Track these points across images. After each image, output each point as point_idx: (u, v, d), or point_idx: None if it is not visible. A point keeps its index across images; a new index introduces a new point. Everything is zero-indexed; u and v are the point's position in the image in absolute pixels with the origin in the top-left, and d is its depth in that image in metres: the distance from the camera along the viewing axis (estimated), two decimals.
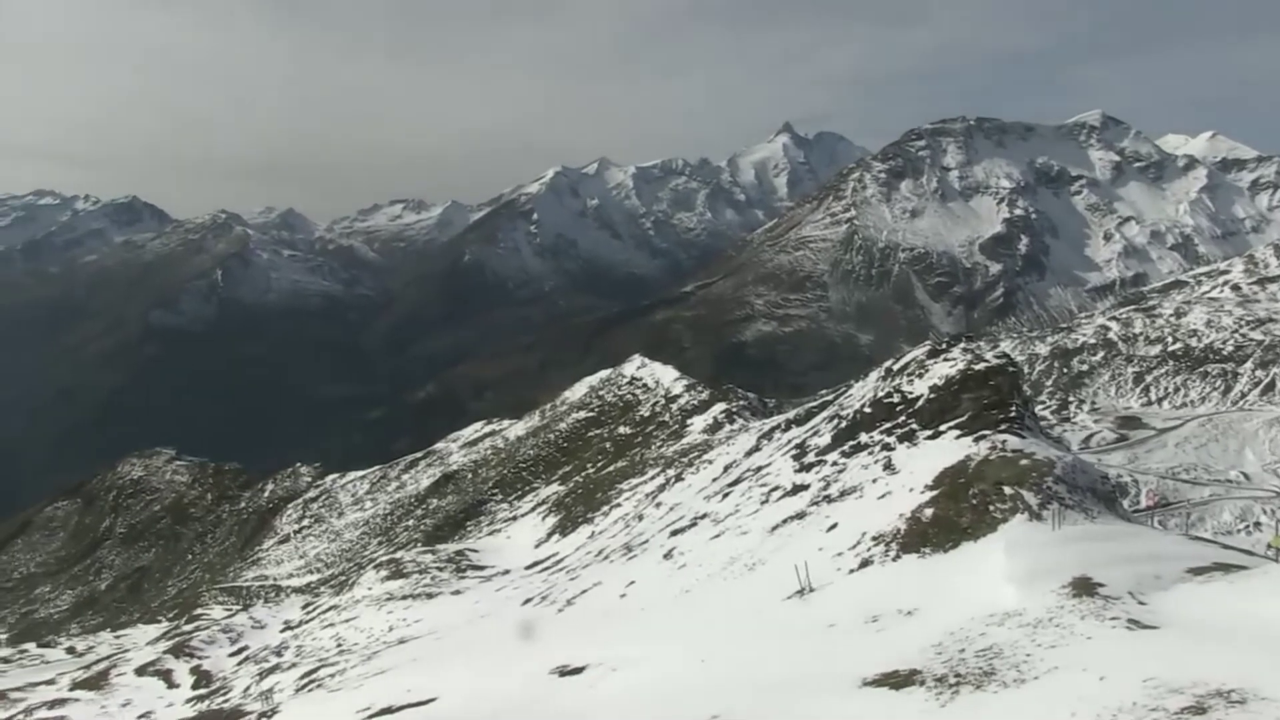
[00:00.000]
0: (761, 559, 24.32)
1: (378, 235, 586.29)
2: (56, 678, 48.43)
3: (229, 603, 62.53)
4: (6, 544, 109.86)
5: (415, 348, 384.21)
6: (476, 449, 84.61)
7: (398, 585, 45.57)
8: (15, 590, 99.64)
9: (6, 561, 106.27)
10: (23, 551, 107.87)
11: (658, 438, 63.34)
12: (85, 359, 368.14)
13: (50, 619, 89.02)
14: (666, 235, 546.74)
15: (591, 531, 46.47)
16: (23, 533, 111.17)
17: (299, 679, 33.26)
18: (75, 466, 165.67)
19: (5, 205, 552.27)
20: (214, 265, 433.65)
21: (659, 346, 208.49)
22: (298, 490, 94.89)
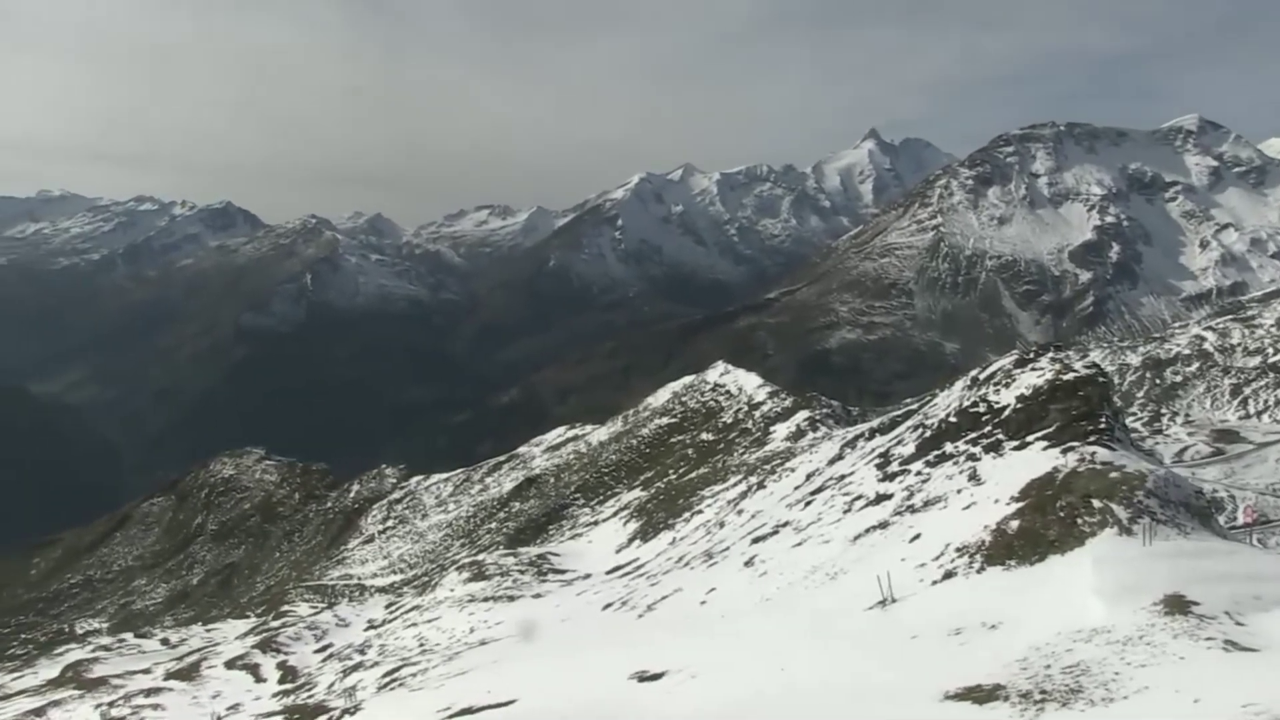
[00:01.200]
0: (843, 568, 24.08)
1: (464, 240, 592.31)
2: (152, 667, 49.66)
3: (314, 600, 63.51)
4: (106, 538, 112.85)
5: (499, 352, 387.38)
6: (559, 453, 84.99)
7: (479, 587, 45.92)
8: (115, 582, 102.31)
9: (107, 554, 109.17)
10: (121, 545, 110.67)
11: (740, 444, 63.09)
12: (180, 360, 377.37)
13: (146, 611, 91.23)
14: (751, 242, 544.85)
15: (673, 537, 46.39)
16: (121, 527, 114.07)
17: (381, 677, 33.67)
18: (170, 464, 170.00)
19: (108, 211, 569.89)
20: (304, 269, 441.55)
21: (742, 353, 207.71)
22: (383, 491, 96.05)
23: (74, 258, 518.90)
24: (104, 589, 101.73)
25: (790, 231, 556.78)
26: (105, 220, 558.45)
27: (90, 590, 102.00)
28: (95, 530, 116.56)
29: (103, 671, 50.42)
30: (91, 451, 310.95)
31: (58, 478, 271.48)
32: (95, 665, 52.68)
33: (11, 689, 52.21)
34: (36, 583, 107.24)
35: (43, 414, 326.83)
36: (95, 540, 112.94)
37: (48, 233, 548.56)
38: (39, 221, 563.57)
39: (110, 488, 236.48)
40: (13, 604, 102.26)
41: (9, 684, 54.33)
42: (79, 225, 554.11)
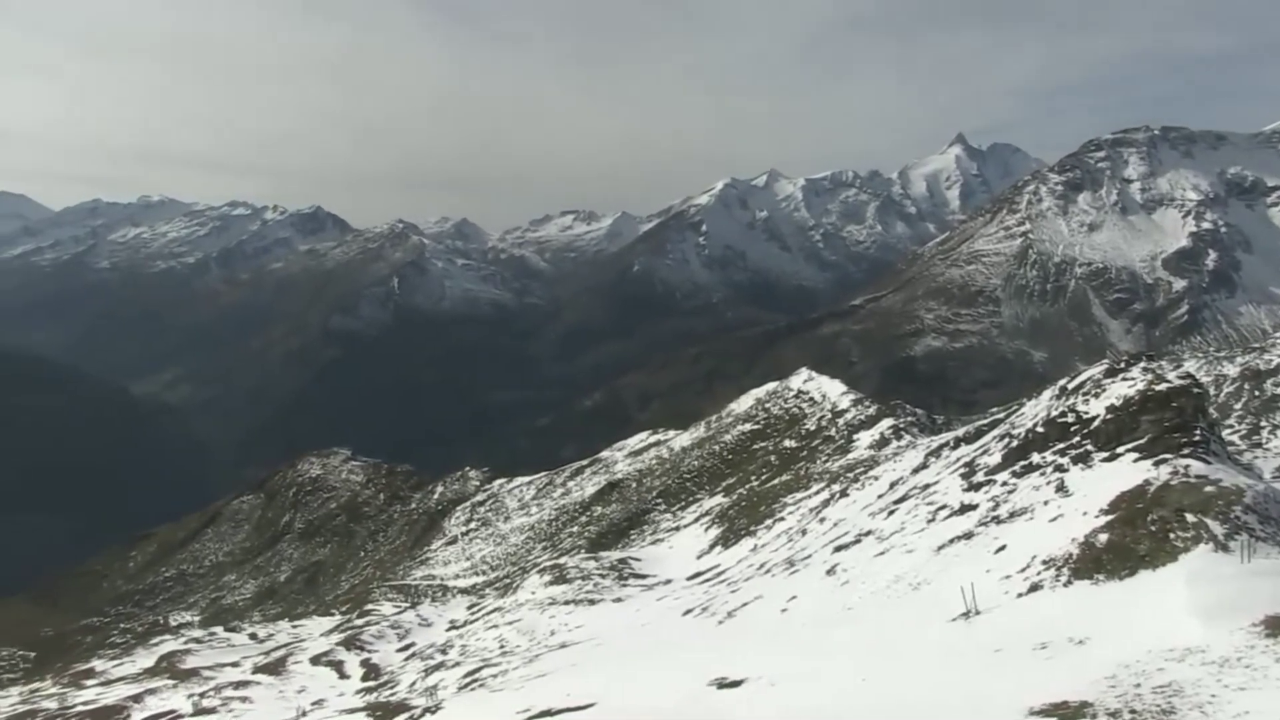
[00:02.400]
0: (926, 579, 23.78)
1: (548, 245, 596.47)
2: (241, 660, 50.71)
3: (398, 600, 64.32)
4: (199, 533, 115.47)
5: (583, 356, 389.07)
6: (641, 458, 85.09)
7: (560, 590, 46.15)
8: (206, 577, 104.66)
9: (199, 550, 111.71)
10: (213, 541, 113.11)
11: (823, 452, 62.60)
12: (271, 361, 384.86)
13: (235, 605, 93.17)
14: (835, 248, 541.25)
15: (754, 544, 46.19)
16: (213, 524, 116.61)
17: (462, 677, 33.98)
18: (260, 463, 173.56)
19: (203, 216, 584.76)
20: (391, 273, 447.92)
21: (826, 360, 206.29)
22: (466, 493, 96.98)
23: (171, 261, 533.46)
24: (196, 583, 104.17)
25: (875, 238, 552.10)
26: (201, 225, 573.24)
27: (183, 584, 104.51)
28: (188, 526, 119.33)
29: (194, 663, 51.65)
30: (186, 449, 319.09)
31: (154, 474, 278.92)
32: (188, 656, 53.94)
33: (112, 675, 53.77)
34: (134, 575, 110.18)
35: (141, 413, 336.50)
36: (188, 536, 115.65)
37: (147, 237, 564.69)
38: (139, 226, 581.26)
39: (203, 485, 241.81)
40: (112, 595, 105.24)
41: (110, 671, 55.94)
42: (176, 230, 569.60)
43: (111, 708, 41.75)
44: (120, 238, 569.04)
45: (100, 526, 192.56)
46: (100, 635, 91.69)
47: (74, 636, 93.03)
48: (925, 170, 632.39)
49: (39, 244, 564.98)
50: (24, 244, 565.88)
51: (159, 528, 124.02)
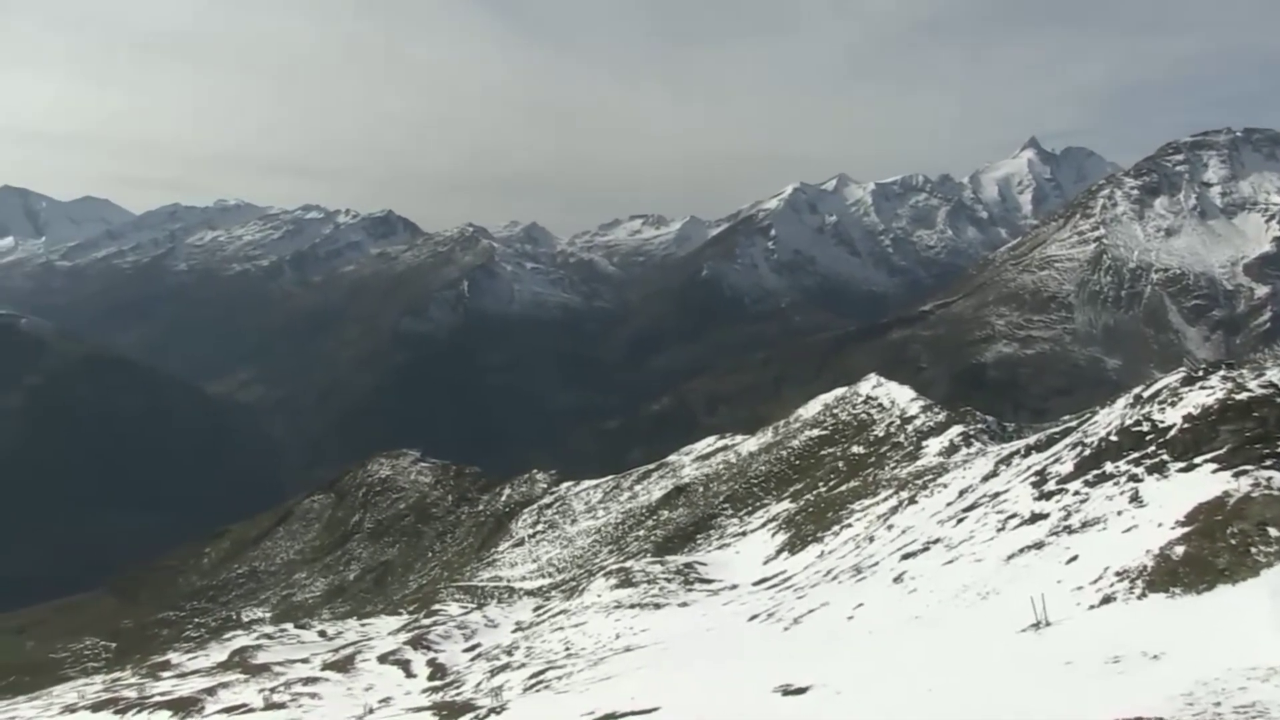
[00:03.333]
0: (995, 588, 23.43)
1: (617, 249, 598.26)
2: (310, 657, 51.42)
3: (465, 601, 64.78)
4: (271, 531, 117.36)
5: (651, 360, 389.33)
6: (708, 463, 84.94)
7: (626, 594, 46.18)
8: (277, 574, 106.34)
9: (271, 548, 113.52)
10: (284, 539, 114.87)
11: (891, 459, 62.03)
12: (342, 363, 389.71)
13: (305, 603, 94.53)
14: (905, 253, 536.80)
15: (821, 551, 45.89)
16: (284, 522, 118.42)
17: (527, 678, 34.11)
18: (331, 463, 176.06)
19: (277, 220, 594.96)
20: (461, 276, 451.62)
21: (895, 366, 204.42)
22: (533, 496, 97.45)
23: (246, 264, 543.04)
24: (268, 580, 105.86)
25: (946, 243, 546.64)
26: (275, 228, 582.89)
27: (255, 581, 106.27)
28: (261, 524, 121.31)
29: (265, 658, 52.48)
30: (259, 449, 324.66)
31: (228, 473, 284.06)
32: (259, 652, 54.83)
33: (187, 668, 54.90)
34: (208, 571, 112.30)
35: (216, 412, 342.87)
36: (260, 534, 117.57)
37: (223, 240, 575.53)
38: (216, 230, 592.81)
39: (275, 483, 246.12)
40: (188, 590, 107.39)
41: (185, 664, 57.13)
42: (251, 233, 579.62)
43: (187, 699, 42.58)
44: (197, 241, 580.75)
45: (177, 523, 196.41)
46: (176, 629, 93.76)
47: (152, 629, 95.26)
48: (997, 174, 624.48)
49: (120, 247, 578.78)
50: (107, 247, 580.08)
51: (233, 525, 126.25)
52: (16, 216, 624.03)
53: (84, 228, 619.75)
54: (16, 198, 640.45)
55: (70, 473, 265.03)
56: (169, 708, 41.41)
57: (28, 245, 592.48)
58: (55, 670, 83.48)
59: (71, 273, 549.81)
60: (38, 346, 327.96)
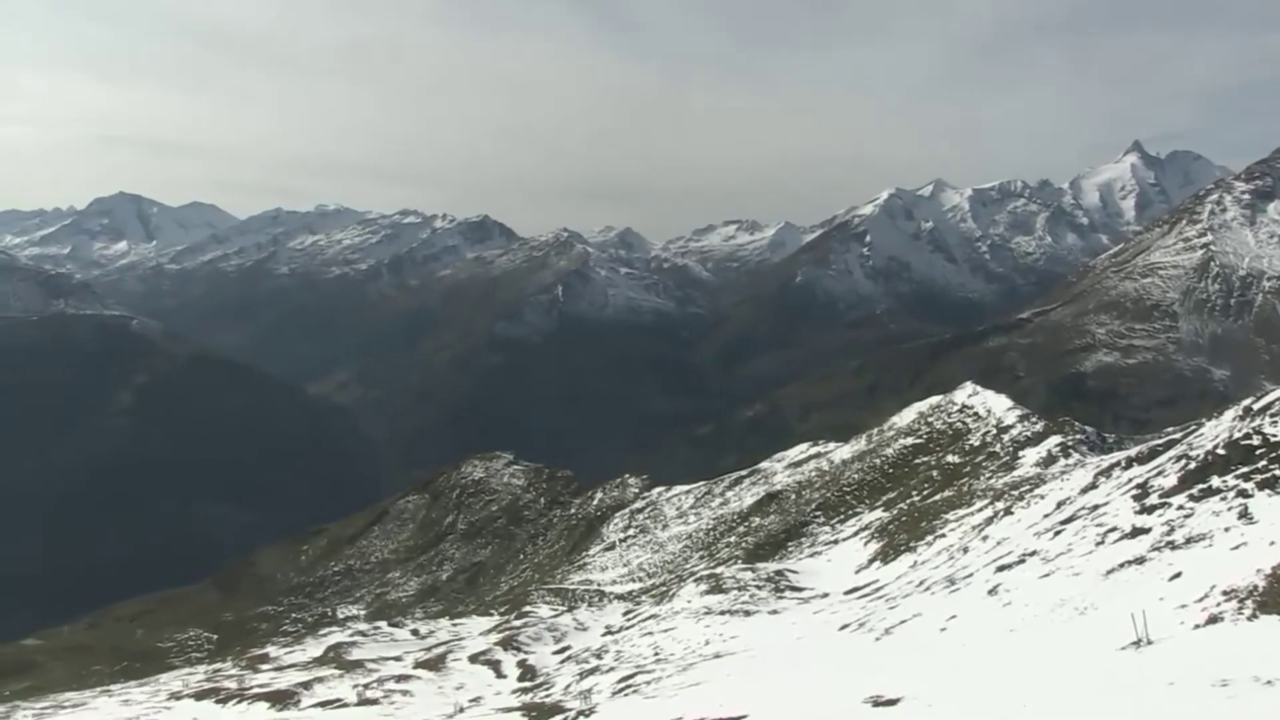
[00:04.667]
0: (1094, 604, 22.88)
1: (711, 255, 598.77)
2: (403, 655, 52.14)
3: (555, 603, 65.14)
4: (366, 530, 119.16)
5: (744, 366, 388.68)
6: (801, 470, 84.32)
7: (716, 600, 46.02)
8: (372, 573, 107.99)
9: (366, 546, 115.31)
10: (379, 538, 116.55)
11: (987, 469, 60.96)
12: (438, 365, 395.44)
13: (399, 602, 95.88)
14: (1003, 259, 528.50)
15: (913, 561, 45.26)
16: (379, 521, 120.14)
17: (616, 682, 34.18)
18: (426, 463, 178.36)
19: (376, 224, 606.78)
20: (555, 281, 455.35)
21: (992, 374, 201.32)
22: (625, 500, 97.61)
23: (345, 268, 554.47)
24: (362, 578, 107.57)
25: (1045, 249, 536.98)
26: (373, 233, 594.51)
27: (350, 579, 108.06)
28: (356, 523, 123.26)
29: (359, 655, 53.39)
30: (356, 449, 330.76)
31: (326, 472, 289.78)
32: (353, 648, 55.79)
33: (284, 662, 56.12)
34: (305, 568, 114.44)
35: (315, 412, 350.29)
36: (356, 532, 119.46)
37: (323, 244, 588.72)
38: (316, 234, 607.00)
39: (371, 483, 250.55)
40: (285, 587, 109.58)
41: (283, 657, 58.41)
42: (350, 237, 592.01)
43: (284, 692, 43.47)
44: (298, 245, 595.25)
45: (276, 519, 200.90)
46: (274, 623, 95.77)
47: (251, 623, 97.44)
48: (1099, 179, 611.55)
49: (225, 251, 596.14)
50: (212, 251, 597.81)
51: (330, 523, 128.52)
52: (130, 221, 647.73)
53: (191, 232, 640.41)
54: (130, 203, 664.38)
55: (175, 469, 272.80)
56: (267, 700, 42.32)
57: (139, 249, 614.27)
58: (162, 659, 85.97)
59: (179, 276, 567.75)
60: (147, 346, 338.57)
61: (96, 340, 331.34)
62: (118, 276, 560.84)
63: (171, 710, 43.10)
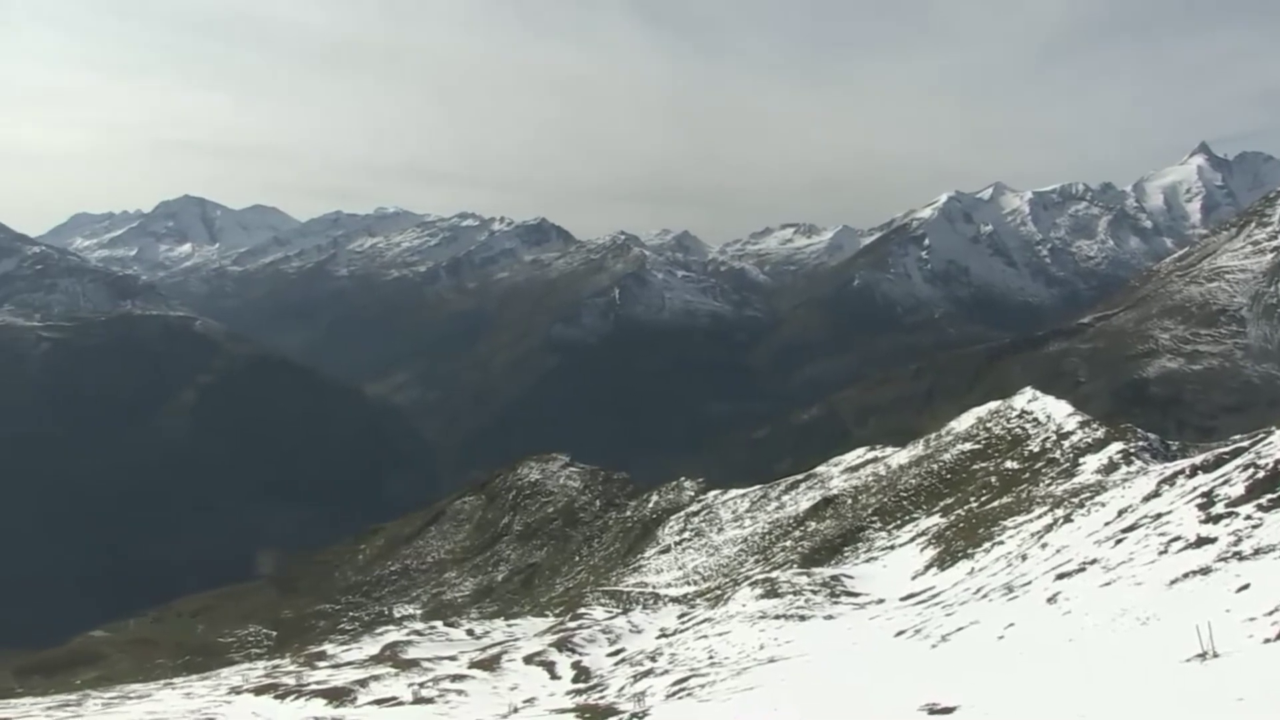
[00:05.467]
0: (1156, 614, 22.48)
1: (768, 258, 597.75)
2: (458, 655, 52.48)
3: (610, 605, 65.19)
4: (423, 530, 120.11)
5: (801, 370, 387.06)
6: (858, 475, 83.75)
7: (771, 604, 45.84)
8: (428, 573, 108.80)
9: (422, 546, 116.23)
10: (435, 538, 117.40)
11: (1046, 475, 60.16)
12: (495, 367, 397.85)
13: (454, 602, 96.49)
14: (1064, 263, 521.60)
15: (971, 568, 44.77)
16: (436, 522, 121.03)
17: (670, 685, 34.15)
18: (482, 465, 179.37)
19: (434, 227, 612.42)
20: (612, 284, 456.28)
21: (1052, 380, 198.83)
22: (680, 503, 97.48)
23: (403, 270, 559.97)
24: (419, 578, 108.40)
25: (1107, 253, 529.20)
26: (431, 235, 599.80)
27: (407, 578, 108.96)
28: (413, 523, 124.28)
29: (415, 654, 53.82)
30: (413, 449, 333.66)
31: (384, 471, 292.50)
32: (409, 647, 56.26)
33: (341, 660, 56.73)
34: (362, 567, 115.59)
35: (373, 413, 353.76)
36: (413, 532, 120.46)
37: (382, 247, 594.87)
38: (375, 236, 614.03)
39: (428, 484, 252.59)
40: (343, 585, 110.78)
41: (340, 655, 59.05)
42: (409, 240, 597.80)
43: (341, 689, 43.91)
44: (358, 247, 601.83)
45: (334, 518, 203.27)
46: (331, 621, 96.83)
47: (309, 620, 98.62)
48: (1163, 182, 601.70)
49: (286, 253, 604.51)
50: (274, 253, 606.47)
51: (387, 523, 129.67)
52: (195, 224, 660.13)
53: (254, 234, 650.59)
54: (195, 206, 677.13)
55: (236, 467, 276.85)
56: (324, 696, 42.78)
57: (203, 251, 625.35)
58: (223, 653, 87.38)
59: (241, 277, 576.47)
60: (210, 347, 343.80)
61: (161, 340, 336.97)
62: (182, 278, 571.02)
63: (231, 704, 43.68)
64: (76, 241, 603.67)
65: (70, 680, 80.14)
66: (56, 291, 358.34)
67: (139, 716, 37.59)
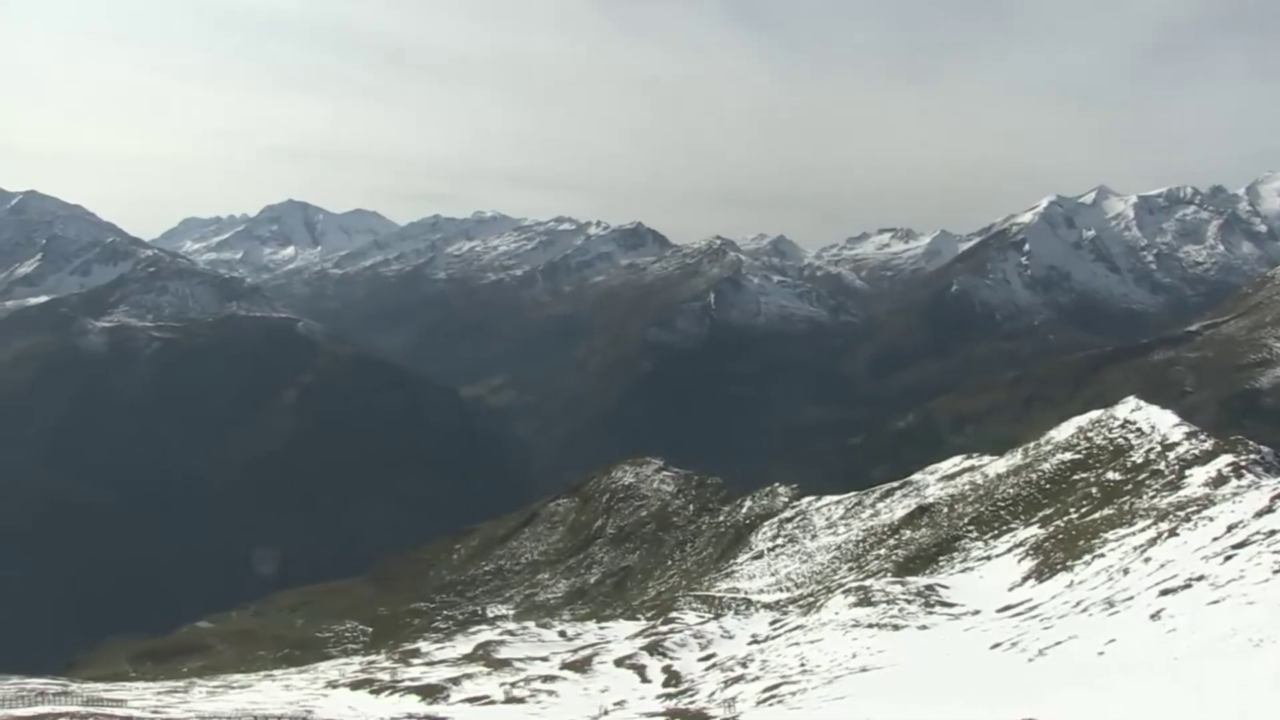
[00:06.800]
0: (1271, 636, 21.76)
1: (865, 263, 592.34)
2: (549, 656, 52.87)
3: (701, 610, 65.08)
4: (517, 532, 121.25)
5: (896, 376, 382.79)
6: (954, 483, 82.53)
7: (864, 613, 45.41)
8: (521, 574, 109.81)
9: (516, 547, 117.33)
10: (529, 540, 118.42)
11: (1150, 487, 58.62)
12: (590, 371, 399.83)
13: (547, 603, 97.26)
14: (1170, 269, 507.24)
15: (1070, 580, 43.81)
16: (530, 523, 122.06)
17: (761, 692, 34.01)
18: (576, 467, 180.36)
19: (531, 231, 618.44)
20: (708, 288, 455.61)
21: (1156, 389, 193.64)
22: (774, 509, 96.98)
23: (500, 273, 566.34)
24: (512, 579, 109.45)
25: (1217, 259, 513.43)
26: (528, 239, 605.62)
27: (500, 579, 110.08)
28: (507, 524, 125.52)
29: (507, 654, 54.35)
30: (508, 451, 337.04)
31: (479, 473, 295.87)
32: (502, 647, 56.82)
33: (435, 657, 57.60)
34: (457, 567, 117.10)
35: (469, 415, 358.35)
36: (507, 533, 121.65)
37: (479, 251, 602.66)
38: (473, 240, 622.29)
39: (523, 485, 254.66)
40: (438, 584, 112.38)
41: (433, 653, 59.95)
42: (506, 244, 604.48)
43: (434, 686, 44.55)
44: (455, 251, 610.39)
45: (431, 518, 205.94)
46: (426, 619, 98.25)
47: (404, 618, 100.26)
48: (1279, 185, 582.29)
49: (386, 256, 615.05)
50: (373, 256, 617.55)
51: (482, 523, 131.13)
52: (298, 228, 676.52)
53: (354, 238, 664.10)
54: (298, 210, 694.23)
55: (335, 465, 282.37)
56: (417, 693, 43.44)
57: (306, 254, 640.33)
58: (320, 648, 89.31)
59: (342, 280, 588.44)
60: (311, 348, 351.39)
61: (265, 341, 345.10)
62: (285, 280, 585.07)
63: (328, 698, 44.56)
64: (186, 245, 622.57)
65: (178, 668, 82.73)
66: (167, 293, 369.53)
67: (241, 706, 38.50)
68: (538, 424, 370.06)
